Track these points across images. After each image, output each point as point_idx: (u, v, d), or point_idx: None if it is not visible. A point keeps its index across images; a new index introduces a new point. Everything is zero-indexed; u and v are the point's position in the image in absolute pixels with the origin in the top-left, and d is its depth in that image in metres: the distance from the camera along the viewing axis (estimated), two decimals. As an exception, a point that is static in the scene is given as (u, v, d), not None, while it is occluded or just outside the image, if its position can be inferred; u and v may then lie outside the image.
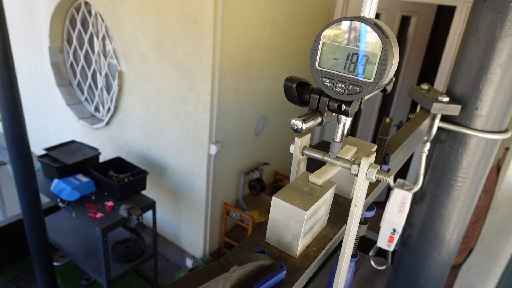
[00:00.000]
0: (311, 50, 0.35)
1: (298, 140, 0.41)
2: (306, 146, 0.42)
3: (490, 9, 0.76)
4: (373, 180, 0.36)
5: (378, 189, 0.51)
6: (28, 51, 3.87)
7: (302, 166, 0.44)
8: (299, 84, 0.38)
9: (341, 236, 0.42)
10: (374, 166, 0.36)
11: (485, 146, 0.86)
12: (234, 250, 0.36)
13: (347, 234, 0.39)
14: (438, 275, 1.03)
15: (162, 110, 2.88)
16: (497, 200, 1.86)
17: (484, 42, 0.77)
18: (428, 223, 0.98)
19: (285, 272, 0.33)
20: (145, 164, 3.19)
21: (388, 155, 0.53)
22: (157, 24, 2.63)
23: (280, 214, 0.35)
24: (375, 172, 0.36)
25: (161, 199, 3.24)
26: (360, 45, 0.32)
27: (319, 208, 0.37)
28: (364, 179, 0.36)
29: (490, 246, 1.92)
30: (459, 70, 0.84)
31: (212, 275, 0.26)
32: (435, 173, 0.93)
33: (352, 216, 0.38)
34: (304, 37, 3.13)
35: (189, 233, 3.18)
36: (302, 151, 0.42)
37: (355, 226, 0.39)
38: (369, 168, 0.36)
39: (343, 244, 0.40)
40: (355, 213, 0.38)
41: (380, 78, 0.32)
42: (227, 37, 2.44)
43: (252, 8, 2.56)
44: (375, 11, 0.33)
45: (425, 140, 0.89)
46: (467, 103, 0.83)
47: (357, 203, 0.37)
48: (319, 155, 0.41)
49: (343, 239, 0.40)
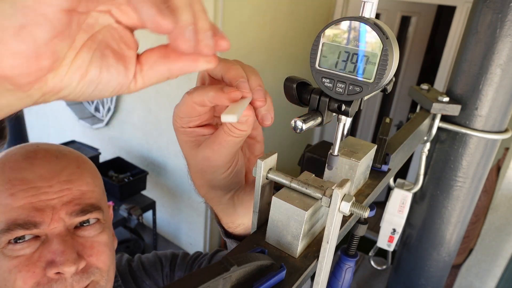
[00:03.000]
0: (311, 50, 0.35)
1: (261, 162, 0.36)
2: (272, 169, 0.38)
3: (490, 9, 0.76)
4: (347, 214, 0.31)
5: (378, 189, 0.51)
6: (28, 51, 3.87)
7: (267, 191, 0.39)
8: (299, 84, 0.38)
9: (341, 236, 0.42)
10: (348, 197, 0.31)
11: (485, 146, 0.86)
12: (234, 250, 0.36)
13: (318, 274, 0.35)
14: (438, 275, 1.03)
15: (162, 110, 2.88)
16: (497, 200, 1.87)
17: (484, 42, 0.78)
18: (428, 223, 0.98)
19: (285, 272, 0.33)
20: (145, 164, 3.19)
21: (388, 155, 0.53)
22: (157, 24, 2.63)
23: (280, 214, 0.35)
24: (350, 205, 0.31)
25: (161, 199, 3.24)
26: (360, 45, 0.32)
27: (319, 208, 0.37)
28: (337, 212, 0.31)
29: (490, 246, 1.92)
30: (459, 70, 0.84)
31: (212, 275, 0.26)
32: (435, 173, 0.93)
33: (324, 254, 0.34)
34: (304, 37, 3.13)
35: (189, 233, 3.18)
36: (266, 174, 0.37)
37: (328, 264, 0.34)
38: (342, 201, 0.31)
39: (315, 284, 0.35)
40: (327, 251, 0.33)
41: (380, 78, 0.32)
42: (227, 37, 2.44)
43: (252, 9, 2.56)
44: (375, 11, 0.33)
45: (425, 140, 0.89)
46: (467, 103, 0.83)
47: (329, 240, 0.33)
48: (285, 180, 0.36)
49: (315, 274, 0.35)
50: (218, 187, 0.43)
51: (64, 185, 0.54)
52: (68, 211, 0.53)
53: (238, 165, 0.42)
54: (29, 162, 0.53)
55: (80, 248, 0.54)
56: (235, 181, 0.43)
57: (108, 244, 0.58)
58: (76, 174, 0.56)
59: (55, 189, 0.53)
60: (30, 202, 0.51)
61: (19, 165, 0.53)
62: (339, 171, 0.45)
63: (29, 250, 0.51)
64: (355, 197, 0.37)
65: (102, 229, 0.57)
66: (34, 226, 0.50)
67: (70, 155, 0.58)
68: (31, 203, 0.51)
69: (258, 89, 0.36)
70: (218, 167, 0.40)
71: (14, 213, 0.50)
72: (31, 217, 0.50)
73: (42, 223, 0.51)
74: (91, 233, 0.56)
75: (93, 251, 0.55)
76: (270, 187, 0.39)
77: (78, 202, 0.54)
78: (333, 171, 0.45)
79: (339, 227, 0.33)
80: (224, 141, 0.37)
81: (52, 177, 0.53)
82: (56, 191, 0.53)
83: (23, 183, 0.51)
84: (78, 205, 0.54)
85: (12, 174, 0.52)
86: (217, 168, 0.40)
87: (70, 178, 0.55)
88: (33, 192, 0.51)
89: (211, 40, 0.28)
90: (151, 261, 0.80)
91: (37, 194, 0.51)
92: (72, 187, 0.54)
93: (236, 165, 0.41)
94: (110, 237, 0.60)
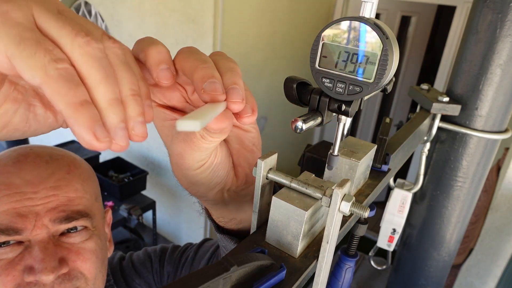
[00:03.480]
0: (311, 50, 0.35)
1: (261, 162, 0.35)
2: (272, 169, 0.37)
3: (490, 9, 0.76)
4: (347, 214, 0.31)
5: (378, 189, 0.51)
6: (28, 51, 3.87)
7: (267, 191, 0.38)
8: (299, 84, 0.38)
9: (341, 236, 0.42)
10: (348, 197, 0.31)
11: (485, 146, 0.86)
12: (234, 250, 0.36)
13: (318, 274, 0.35)
14: (438, 275, 1.03)
15: (162, 110, 2.88)
16: (497, 200, 1.87)
17: (484, 42, 0.78)
18: (428, 223, 0.98)
19: (285, 272, 0.33)
20: (145, 164, 3.19)
21: (388, 155, 0.53)
22: (157, 24, 2.63)
23: (280, 214, 0.35)
24: (350, 205, 0.31)
25: (161, 199, 3.24)
26: (360, 45, 0.32)
27: (319, 208, 0.37)
28: (337, 212, 0.31)
29: (490, 246, 1.92)
30: (459, 70, 0.84)
31: (212, 275, 0.26)
32: (435, 173, 0.93)
33: (323, 254, 0.33)
34: (304, 37, 3.13)
35: (189, 233, 3.18)
36: (266, 174, 0.36)
37: (328, 264, 0.34)
38: (342, 201, 0.31)
39: (314, 284, 0.35)
40: (327, 251, 0.33)
41: (380, 78, 0.32)
42: (227, 37, 2.44)
43: (252, 8, 2.56)
44: (375, 11, 0.33)
45: (425, 140, 0.89)
46: (467, 103, 0.83)
47: (329, 240, 0.32)
48: (285, 180, 0.36)
49: (314, 274, 0.35)
50: (197, 182, 0.39)
51: (51, 191, 0.53)
52: (52, 218, 0.52)
53: (216, 161, 0.37)
54: (17, 167, 0.53)
55: (65, 253, 0.53)
56: (216, 177, 0.39)
57: (96, 251, 0.57)
58: (64, 180, 0.55)
59: (41, 195, 0.52)
60: (14, 207, 0.50)
61: (7, 169, 0.53)
62: (339, 171, 0.45)
63: (11, 255, 0.51)
64: (355, 197, 0.37)
65: (89, 236, 0.56)
66: (15, 233, 0.50)
67: (61, 160, 0.57)
68: (14, 208, 0.50)
69: (233, 87, 0.30)
70: (190, 164, 0.36)
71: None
72: (13, 223, 0.50)
73: (24, 229, 0.50)
74: (77, 240, 0.55)
75: (78, 257, 0.54)
76: (270, 187, 0.39)
77: (64, 209, 0.53)
78: (333, 171, 0.45)
79: (339, 227, 0.33)
80: (194, 145, 0.33)
81: (39, 183, 0.52)
82: (42, 197, 0.52)
83: (9, 188, 0.51)
84: (63, 212, 0.53)
85: None
86: (189, 165, 0.36)
87: (57, 184, 0.54)
88: (18, 198, 0.51)
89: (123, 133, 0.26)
90: (141, 259, 0.79)
91: (21, 200, 0.51)
92: (59, 193, 0.53)
93: (213, 162, 0.37)
94: (99, 244, 0.59)
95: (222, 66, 0.31)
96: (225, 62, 0.31)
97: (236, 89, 0.29)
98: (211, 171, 0.38)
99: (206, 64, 0.30)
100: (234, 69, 0.31)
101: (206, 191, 0.40)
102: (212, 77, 0.29)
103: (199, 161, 0.36)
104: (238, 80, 0.30)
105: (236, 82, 0.30)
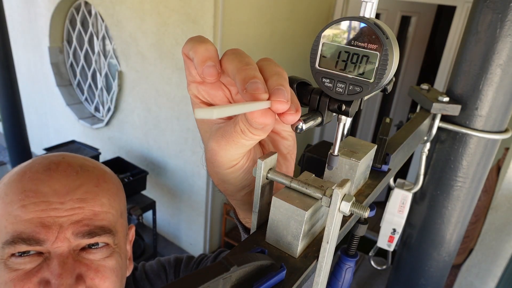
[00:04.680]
0: (311, 50, 0.35)
1: (261, 162, 0.35)
2: (272, 169, 0.37)
3: (490, 9, 0.76)
4: (347, 214, 0.31)
5: (378, 189, 0.51)
6: (28, 51, 3.87)
7: (267, 191, 0.38)
8: (299, 84, 0.38)
9: (341, 236, 0.42)
10: (348, 197, 0.31)
11: (485, 146, 0.86)
12: (234, 250, 0.36)
13: (318, 274, 0.35)
14: (438, 275, 1.03)
15: (162, 110, 2.88)
16: (497, 200, 1.87)
17: (484, 42, 0.78)
18: (428, 223, 0.98)
19: (285, 272, 0.33)
20: (145, 164, 3.19)
21: (388, 155, 0.53)
22: (157, 24, 2.63)
23: (280, 214, 0.35)
24: (350, 205, 0.31)
25: (161, 199, 3.24)
26: (360, 45, 0.32)
27: (319, 208, 0.37)
28: (337, 212, 0.31)
29: (490, 246, 1.92)
30: (459, 70, 0.84)
31: (212, 275, 0.26)
32: (435, 173, 0.93)
33: (323, 254, 0.33)
34: (304, 37, 3.13)
35: (189, 233, 3.18)
36: (267, 174, 0.36)
37: (328, 264, 0.34)
38: (342, 201, 0.31)
39: (314, 284, 0.35)
40: (327, 251, 0.33)
41: (380, 78, 0.32)
42: (227, 37, 2.44)
43: (252, 8, 2.56)
44: (375, 11, 0.33)
45: (425, 140, 0.89)
46: (467, 103, 0.83)
47: (329, 240, 0.32)
48: (285, 180, 0.36)
49: (315, 274, 0.35)
50: (227, 181, 0.39)
51: (77, 203, 0.52)
52: (74, 231, 0.51)
53: (247, 165, 0.38)
54: (47, 175, 0.52)
55: (84, 269, 0.52)
56: (246, 180, 0.39)
57: (115, 270, 0.55)
58: (92, 193, 0.54)
59: (67, 206, 0.51)
60: (39, 216, 0.50)
61: (37, 176, 0.52)
62: (339, 171, 0.45)
63: (30, 266, 0.50)
64: (355, 197, 0.37)
65: (110, 254, 0.55)
66: (37, 243, 0.49)
67: (92, 172, 0.56)
68: (39, 217, 0.50)
69: (278, 88, 0.30)
70: (223, 162, 0.36)
71: (21, 226, 0.49)
72: (35, 233, 0.49)
73: (46, 240, 0.50)
74: (97, 256, 0.53)
75: (97, 274, 0.53)
76: (270, 187, 0.39)
77: (88, 223, 0.52)
78: (333, 171, 0.45)
79: (339, 227, 0.33)
80: (232, 140, 0.34)
81: (67, 193, 0.52)
82: (67, 208, 0.51)
83: (36, 196, 0.50)
84: (86, 226, 0.52)
85: (28, 185, 0.51)
86: (222, 163, 0.36)
87: (85, 196, 0.53)
88: (43, 207, 0.50)
89: None
90: (155, 270, 0.78)
91: (47, 210, 0.50)
92: (85, 206, 0.52)
93: (246, 163, 0.38)
94: (120, 263, 0.57)
95: (270, 70, 0.32)
96: (272, 67, 0.32)
97: (281, 89, 0.30)
98: (241, 173, 0.38)
99: (249, 66, 0.31)
100: (280, 73, 0.32)
101: (235, 191, 0.41)
102: (254, 78, 0.30)
103: (232, 160, 0.36)
104: (284, 82, 0.31)
105: (282, 84, 0.31)
